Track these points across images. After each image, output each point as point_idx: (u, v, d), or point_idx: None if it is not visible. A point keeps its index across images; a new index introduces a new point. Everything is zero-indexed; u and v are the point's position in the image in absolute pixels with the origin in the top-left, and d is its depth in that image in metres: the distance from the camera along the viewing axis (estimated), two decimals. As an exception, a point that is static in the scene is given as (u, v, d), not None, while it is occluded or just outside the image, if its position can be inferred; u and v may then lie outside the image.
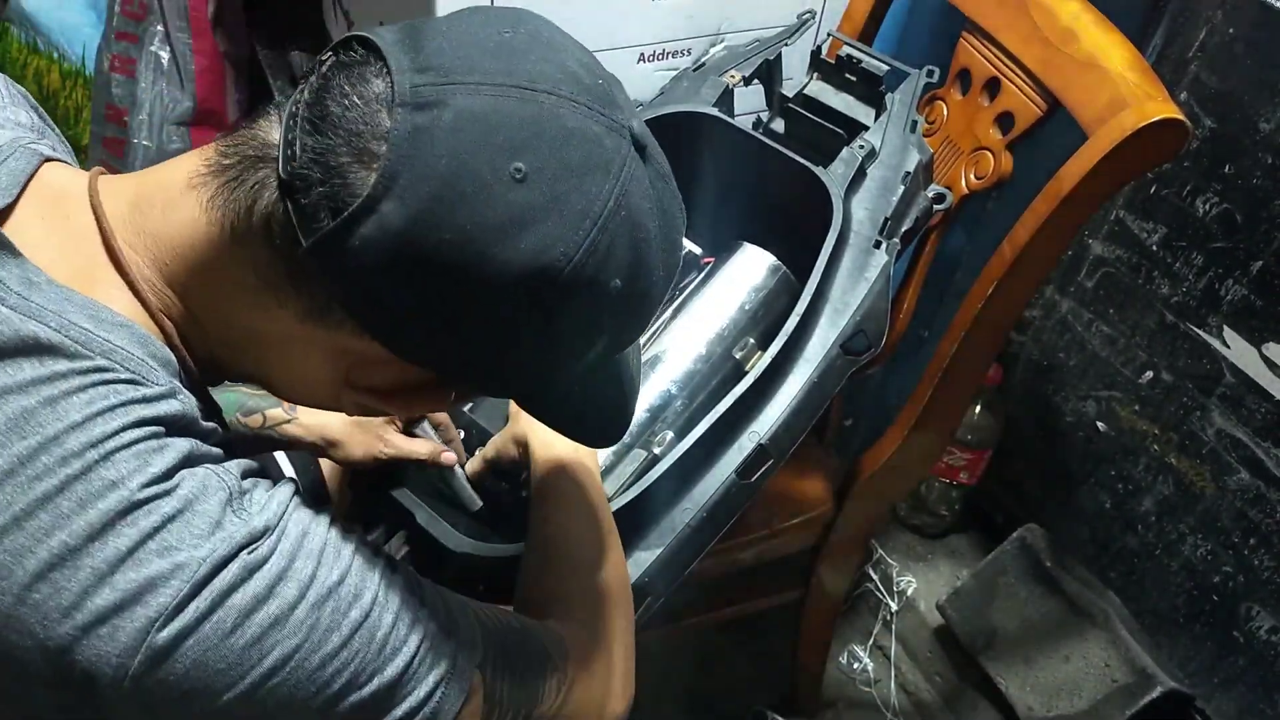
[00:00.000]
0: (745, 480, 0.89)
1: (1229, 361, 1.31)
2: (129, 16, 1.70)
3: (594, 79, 0.57)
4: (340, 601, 0.56)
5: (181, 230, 0.56)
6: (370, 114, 0.52)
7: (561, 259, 0.54)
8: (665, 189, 0.60)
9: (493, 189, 0.52)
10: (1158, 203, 1.36)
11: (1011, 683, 1.51)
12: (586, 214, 0.54)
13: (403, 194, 0.51)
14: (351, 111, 0.52)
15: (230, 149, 0.56)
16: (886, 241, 0.97)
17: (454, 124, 0.52)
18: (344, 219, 0.51)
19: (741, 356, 0.97)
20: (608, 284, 0.56)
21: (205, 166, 0.56)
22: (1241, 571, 1.36)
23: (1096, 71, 0.97)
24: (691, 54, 1.24)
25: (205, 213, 0.56)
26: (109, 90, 1.72)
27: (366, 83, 0.53)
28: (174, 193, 0.57)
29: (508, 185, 0.52)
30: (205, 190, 0.56)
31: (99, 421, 0.52)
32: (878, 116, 1.07)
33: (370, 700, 0.57)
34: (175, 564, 0.51)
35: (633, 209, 0.56)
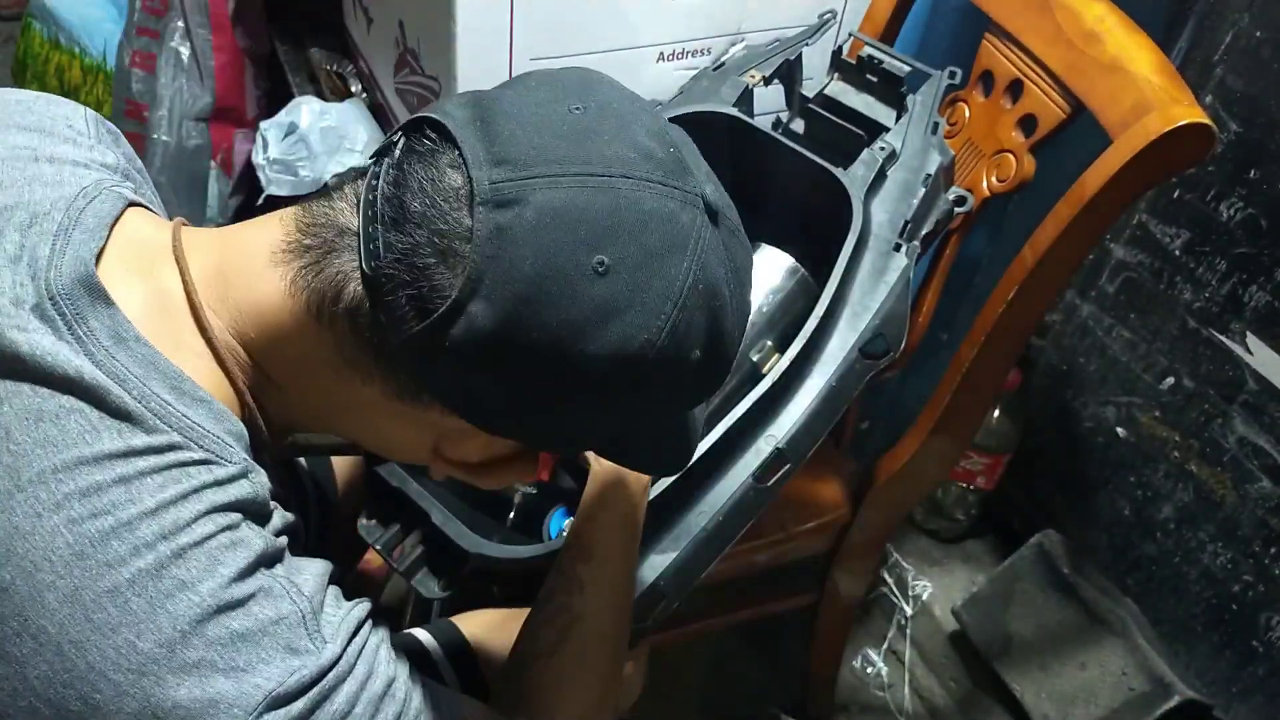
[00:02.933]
0: (762, 484, 0.88)
1: (1251, 368, 1.30)
2: (150, 13, 1.71)
3: (665, 149, 0.57)
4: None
5: (266, 305, 0.57)
6: (452, 212, 0.52)
7: (647, 346, 0.54)
8: (736, 245, 0.60)
9: (577, 285, 0.52)
10: (1181, 207, 1.35)
11: (1027, 690, 1.50)
12: (668, 297, 0.54)
13: (490, 295, 0.51)
14: (433, 210, 0.52)
15: (310, 228, 0.56)
16: (906, 244, 0.96)
17: (536, 222, 0.52)
18: (433, 321, 0.52)
19: (759, 359, 0.96)
20: (689, 356, 0.57)
21: (286, 243, 0.57)
22: (1262, 580, 1.34)
23: (1121, 74, 0.95)
24: (711, 53, 1.24)
25: (289, 293, 0.56)
26: (129, 86, 1.73)
27: (444, 176, 0.53)
28: (257, 264, 0.57)
29: (592, 280, 0.52)
30: (288, 269, 0.56)
31: (172, 510, 0.51)
32: (899, 118, 1.06)
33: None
34: (241, 691, 0.51)
35: (709, 280, 0.56)
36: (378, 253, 0.53)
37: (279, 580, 0.54)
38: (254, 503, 0.55)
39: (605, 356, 0.54)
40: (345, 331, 0.55)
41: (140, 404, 0.52)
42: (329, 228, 0.56)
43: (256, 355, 0.58)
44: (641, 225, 0.54)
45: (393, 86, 1.41)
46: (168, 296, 0.57)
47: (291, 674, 0.52)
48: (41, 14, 1.80)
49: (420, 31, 1.26)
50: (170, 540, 0.50)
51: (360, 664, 0.56)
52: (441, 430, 0.61)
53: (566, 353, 0.53)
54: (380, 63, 1.46)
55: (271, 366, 0.59)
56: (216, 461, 0.54)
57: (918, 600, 1.68)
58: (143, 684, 0.49)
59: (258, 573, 0.53)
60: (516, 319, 0.52)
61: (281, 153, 1.49)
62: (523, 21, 1.11)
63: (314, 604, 0.55)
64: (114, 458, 0.51)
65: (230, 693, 0.50)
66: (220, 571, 0.51)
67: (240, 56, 1.73)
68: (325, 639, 0.54)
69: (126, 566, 0.49)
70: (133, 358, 0.53)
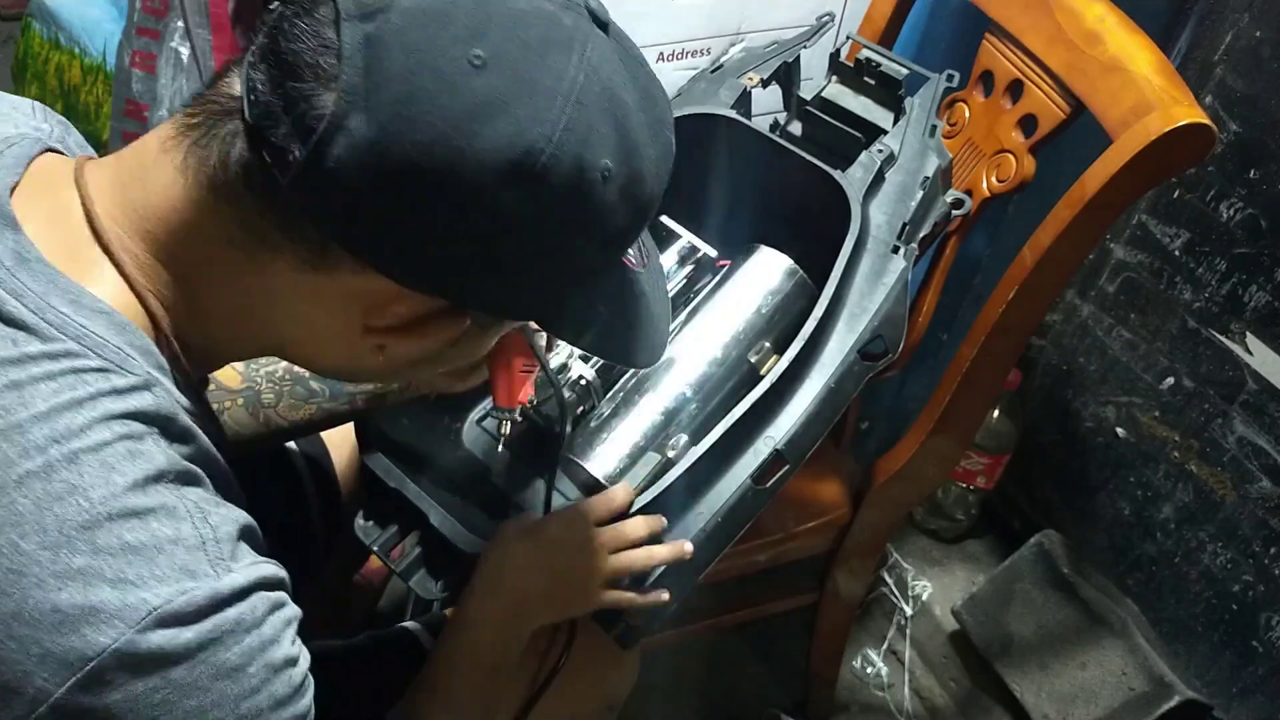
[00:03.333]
0: (760, 486, 0.88)
1: (1251, 368, 1.30)
2: (150, 13, 1.71)
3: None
4: None
5: (162, 196, 0.56)
6: (319, 34, 0.51)
7: (540, 139, 0.52)
8: (639, 69, 0.58)
9: (455, 80, 0.50)
10: (1180, 207, 1.35)
11: (1027, 689, 1.50)
12: (556, 91, 0.52)
13: (366, 104, 0.50)
14: (301, 38, 0.51)
15: (197, 108, 0.55)
16: (904, 247, 0.96)
17: (402, 24, 0.50)
18: (314, 144, 0.50)
19: (757, 360, 0.96)
20: (596, 165, 0.54)
21: (174, 130, 0.56)
22: (1262, 580, 1.34)
23: (1121, 74, 0.95)
24: (710, 53, 1.24)
25: (181, 174, 0.55)
26: (129, 86, 1.73)
27: (313, 9, 0.52)
28: (148, 160, 0.56)
29: (469, 74, 0.51)
30: (178, 152, 0.55)
31: (65, 415, 0.50)
32: (896, 120, 1.06)
33: None
34: (125, 603, 0.48)
35: (605, 83, 0.54)
36: (255, 98, 0.52)
37: (184, 502, 0.52)
38: (158, 416, 0.54)
39: (495, 154, 0.51)
40: (242, 198, 0.54)
41: (36, 315, 0.52)
42: (215, 101, 0.55)
43: (164, 257, 0.57)
44: (517, 19, 0.52)
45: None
46: (66, 213, 0.56)
47: (182, 594, 0.50)
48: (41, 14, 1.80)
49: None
50: (62, 444, 0.49)
51: (266, 625, 0.53)
52: (363, 298, 0.57)
53: (454, 154, 0.51)
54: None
55: (181, 267, 0.57)
56: (115, 370, 0.53)
57: (918, 600, 1.68)
58: (22, 584, 0.47)
59: (159, 486, 0.52)
60: (396, 124, 0.50)
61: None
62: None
63: (219, 535, 0.53)
64: (6, 364, 0.50)
65: (113, 603, 0.48)
66: (114, 479, 0.50)
67: (240, 57, 1.73)
68: (229, 568, 0.52)
69: (14, 468, 0.48)
70: (32, 275, 0.53)
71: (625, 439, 0.94)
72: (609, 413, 0.96)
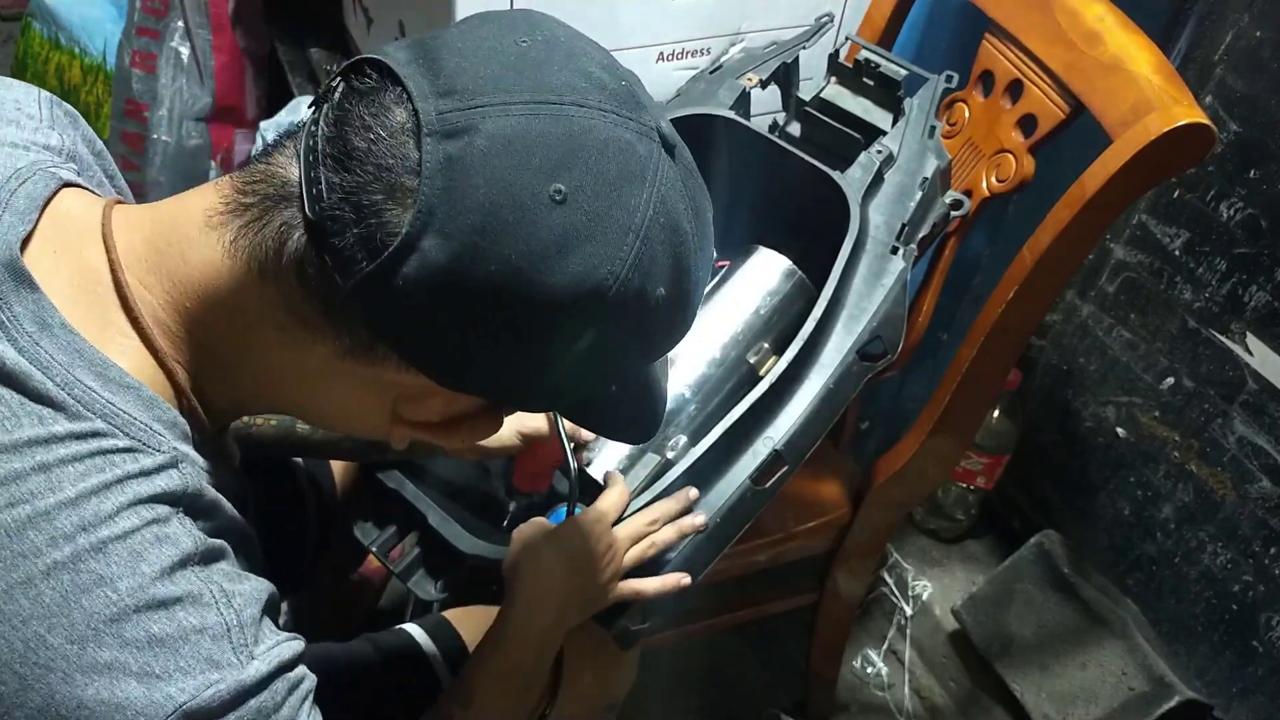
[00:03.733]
0: (760, 486, 0.88)
1: (1251, 368, 1.30)
2: (150, 13, 1.71)
3: (617, 82, 0.55)
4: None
5: (203, 272, 0.54)
6: (397, 146, 0.50)
7: (609, 278, 0.52)
8: (695, 185, 0.58)
9: (535, 214, 0.50)
10: (1180, 207, 1.35)
11: (1027, 689, 1.50)
12: (629, 228, 0.52)
13: (443, 229, 0.49)
14: (377, 145, 0.50)
15: (248, 187, 0.54)
16: (903, 247, 0.96)
17: (488, 150, 0.49)
18: (383, 260, 0.49)
19: (756, 361, 0.96)
20: (653, 294, 0.54)
21: (223, 205, 0.54)
22: (1262, 580, 1.34)
23: (1121, 74, 0.95)
24: (710, 54, 1.24)
25: (228, 255, 0.53)
26: (129, 86, 1.73)
27: (387, 111, 0.50)
28: (191, 232, 0.55)
29: (549, 208, 0.50)
30: (226, 231, 0.54)
31: (93, 501, 0.49)
32: (895, 121, 1.06)
33: None
34: (151, 699, 0.48)
35: (670, 214, 0.54)
36: (321, 195, 0.50)
37: (210, 586, 0.52)
38: (184, 495, 0.53)
39: (566, 289, 0.51)
40: (292, 286, 0.52)
41: (63, 390, 0.50)
42: (269, 183, 0.53)
43: (196, 328, 0.55)
44: (599, 153, 0.52)
45: (392, 87, 1.41)
46: (94, 276, 0.54)
47: (208, 687, 0.49)
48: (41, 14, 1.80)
49: (420, 31, 1.26)
50: (90, 532, 0.48)
51: (285, 708, 0.53)
52: (399, 390, 0.57)
53: (525, 287, 0.50)
54: (380, 63, 1.46)
55: (213, 339, 0.56)
56: (143, 450, 0.52)
57: (918, 600, 1.68)
58: (49, 680, 0.47)
59: (185, 572, 0.51)
60: (472, 252, 0.49)
61: (281, 153, 1.49)
62: (521, 22, 1.11)
63: (243, 618, 0.52)
64: (34, 444, 0.49)
65: (140, 699, 0.48)
66: (142, 569, 0.49)
67: (240, 56, 1.73)
68: (252, 655, 0.52)
69: (42, 558, 0.47)
70: (57, 344, 0.51)
71: (625, 440, 0.94)
72: (608, 413, 0.96)
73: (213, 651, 0.50)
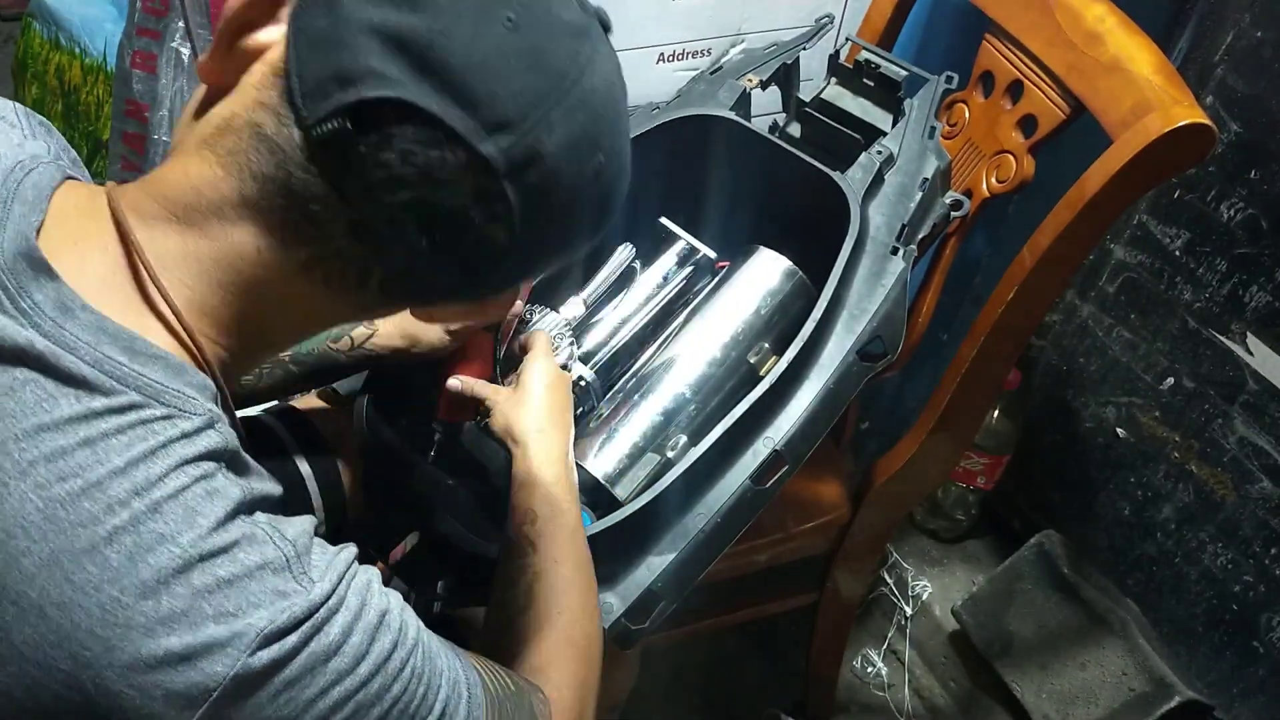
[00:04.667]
0: (760, 486, 0.88)
1: (1251, 368, 1.30)
2: (150, 13, 1.71)
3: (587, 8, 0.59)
4: (387, 676, 0.56)
5: (237, 247, 0.56)
6: (466, 179, 0.53)
7: None
8: (620, 75, 0.61)
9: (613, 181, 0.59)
10: (1181, 207, 1.35)
11: (1027, 689, 1.50)
12: None
13: None
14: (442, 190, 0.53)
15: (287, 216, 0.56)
16: (903, 248, 0.96)
17: (554, 165, 0.55)
18: None
19: (756, 361, 0.96)
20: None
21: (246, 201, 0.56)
22: (1262, 581, 1.34)
23: (1121, 75, 0.95)
24: (711, 54, 1.24)
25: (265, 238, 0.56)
26: (130, 86, 1.73)
27: (442, 160, 0.53)
28: (208, 211, 0.56)
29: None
30: (256, 224, 0.56)
31: (141, 467, 0.51)
32: (895, 122, 1.06)
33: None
34: (233, 632, 0.51)
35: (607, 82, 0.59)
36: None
37: (261, 526, 0.54)
38: (225, 451, 0.55)
39: None
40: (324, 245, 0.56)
41: (95, 368, 0.51)
42: None
43: (223, 303, 0.57)
44: (611, 101, 0.58)
45: (392, 87, 1.41)
46: (110, 256, 0.56)
47: (282, 612, 0.52)
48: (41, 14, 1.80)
49: (419, 32, 1.26)
50: (143, 496, 0.50)
51: (351, 596, 0.56)
52: None
53: None
54: (380, 63, 1.46)
55: (242, 304, 0.58)
56: (180, 415, 0.53)
57: (918, 600, 1.68)
58: (131, 636, 0.49)
59: (238, 519, 0.53)
60: None
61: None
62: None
63: (298, 547, 0.55)
64: (75, 421, 0.50)
65: (222, 636, 0.50)
66: (199, 522, 0.51)
67: (241, 57, 1.73)
68: (313, 579, 0.54)
69: (101, 525, 0.49)
70: (81, 325, 0.52)
71: (625, 439, 0.94)
72: (608, 413, 0.96)
73: (278, 583, 0.53)
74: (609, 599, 0.86)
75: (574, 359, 0.96)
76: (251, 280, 0.57)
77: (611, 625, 0.86)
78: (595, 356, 1.00)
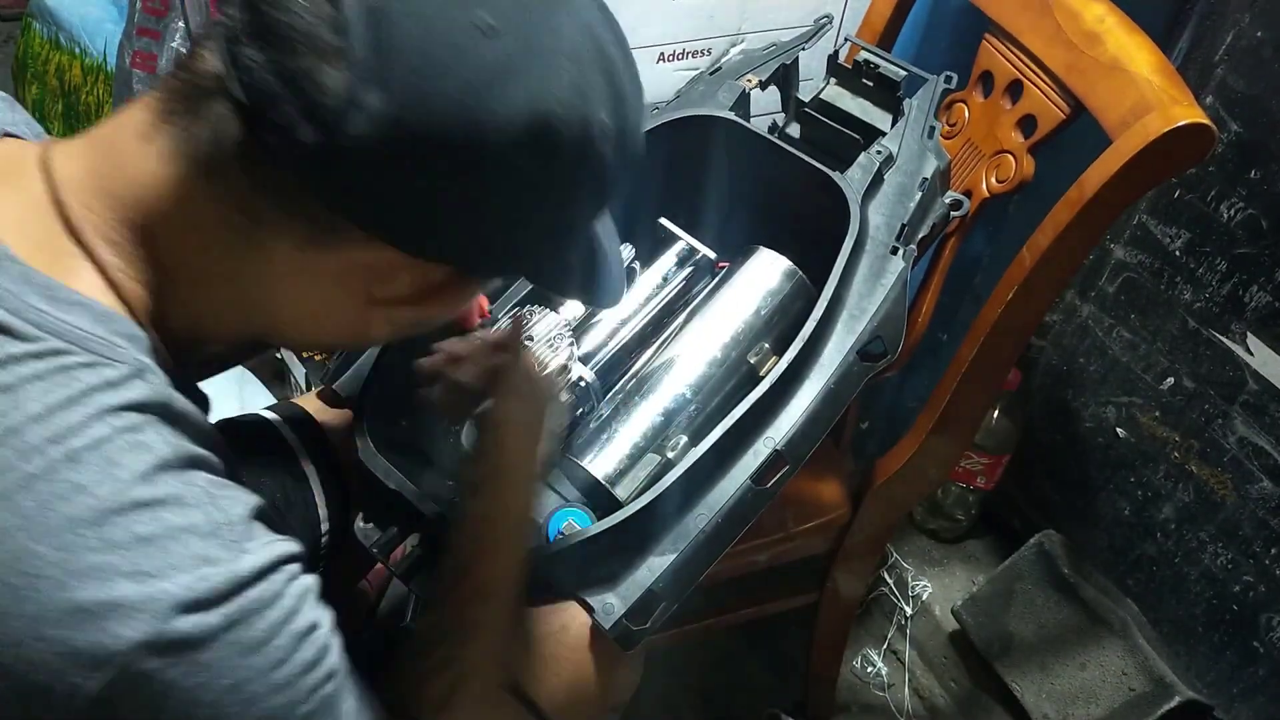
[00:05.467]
0: (760, 486, 0.88)
1: (1251, 368, 1.30)
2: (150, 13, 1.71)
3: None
4: (298, 692, 0.54)
5: (145, 185, 0.54)
6: (314, 8, 0.49)
7: (555, 105, 0.52)
8: (613, 20, 0.59)
9: (466, 47, 0.50)
10: (1181, 207, 1.35)
11: (1027, 690, 1.50)
12: (559, 51, 0.53)
13: (380, 79, 0.49)
14: (295, 13, 0.49)
15: (175, 91, 0.53)
16: (903, 248, 0.96)
17: None
18: (329, 123, 0.49)
19: (756, 361, 0.96)
20: (596, 121, 0.55)
21: (152, 115, 0.54)
22: (1262, 581, 1.34)
23: (1121, 75, 0.95)
24: (711, 54, 1.24)
25: (169, 162, 0.53)
26: (130, 86, 1.73)
27: None
28: (127, 148, 0.54)
29: (478, 39, 0.50)
30: (161, 138, 0.53)
31: (59, 414, 0.49)
32: (895, 122, 1.06)
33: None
34: (146, 594, 0.48)
35: (597, 39, 0.56)
36: (250, 74, 0.49)
37: (191, 489, 0.52)
38: (154, 403, 0.53)
39: (516, 118, 0.51)
40: (238, 181, 0.52)
41: (14, 316, 0.50)
42: (194, 81, 0.53)
43: (151, 245, 0.55)
44: None
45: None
46: (37, 207, 0.54)
47: (202, 580, 0.50)
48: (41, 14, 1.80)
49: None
50: (60, 443, 0.48)
51: (286, 596, 0.53)
52: (368, 269, 0.57)
53: (473, 122, 0.51)
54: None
55: (170, 254, 0.56)
56: (104, 363, 0.51)
57: (918, 600, 1.68)
58: (40, 586, 0.47)
59: (164, 475, 0.51)
60: (415, 95, 0.49)
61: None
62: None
63: (231, 517, 0.53)
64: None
65: (134, 596, 0.48)
66: (118, 474, 0.49)
67: (240, 57, 1.73)
68: (244, 549, 0.52)
69: (15, 472, 0.48)
70: (5, 274, 0.51)
71: (625, 440, 0.94)
72: (608, 414, 0.96)
73: (203, 548, 0.51)
74: (610, 599, 0.86)
75: (574, 359, 0.96)
76: (173, 213, 0.54)
77: (612, 626, 0.86)
78: (595, 357, 1.00)
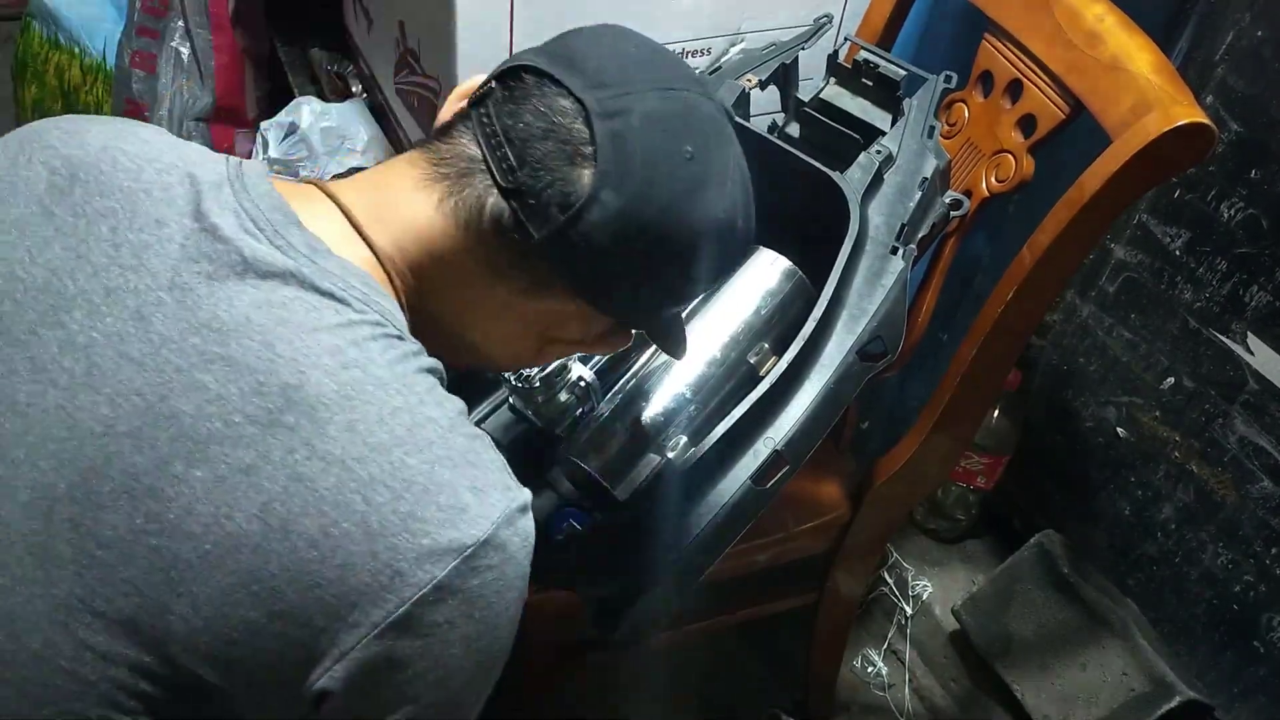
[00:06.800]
0: (761, 486, 0.88)
1: (1252, 368, 1.30)
2: (150, 13, 1.71)
3: (686, 68, 0.75)
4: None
5: (419, 221, 0.68)
6: (570, 126, 0.66)
7: (724, 210, 0.71)
8: (739, 147, 0.75)
9: (676, 168, 0.68)
10: (1181, 207, 1.35)
11: (1027, 690, 1.50)
12: (728, 175, 0.72)
13: (615, 185, 0.66)
14: (554, 127, 0.66)
15: (443, 161, 0.69)
16: (903, 248, 0.96)
17: (640, 126, 0.67)
18: (574, 211, 0.65)
19: (756, 361, 0.96)
20: (739, 224, 0.74)
21: (425, 174, 0.69)
22: (1263, 581, 1.34)
23: (1121, 74, 0.95)
24: (710, 54, 1.24)
25: (439, 211, 0.68)
26: (130, 86, 1.74)
27: (554, 101, 0.67)
28: (404, 193, 0.69)
29: (685, 164, 0.68)
30: (433, 192, 0.68)
31: (400, 367, 0.63)
32: (895, 122, 1.06)
33: None
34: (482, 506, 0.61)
35: (740, 163, 0.74)
36: (512, 168, 0.66)
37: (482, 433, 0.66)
38: (439, 371, 0.67)
39: (707, 219, 0.70)
40: (488, 237, 0.68)
41: (346, 291, 0.63)
42: (458, 158, 0.68)
43: (413, 266, 0.69)
44: (705, 121, 0.71)
45: (393, 87, 1.41)
46: (329, 220, 0.68)
47: (513, 501, 0.63)
48: (41, 14, 1.80)
49: (420, 32, 1.26)
50: (409, 389, 0.62)
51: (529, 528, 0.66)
52: (554, 314, 0.73)
53: (679, 219, 0.69)
54: (380, 63, 1.46)
55: (423, 277, 0.70)
56: (407, 340, 0.66)
57: (918, 600, 1.68)
58: (413, 490, 0.60)
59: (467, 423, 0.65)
60: (638, 198, 0.66)
61: (282, 153, 1.50)
62: (523, 23, 1.11)
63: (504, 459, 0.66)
64: (341, 327, 0.62)
65: (473, 505, 0.61)
66: (450, 411, 0.64)
67: (240, 57, 1.73)
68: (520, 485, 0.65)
69: (385, 405, 0.61)
70: (330, 261, 0.64)
71: (625, 440, 0.94)
72: (608, 414, 0.96)
73: (504, 479, 0.65)
74: (609, 600, 0.86)
75: (574, 358, 0.96)
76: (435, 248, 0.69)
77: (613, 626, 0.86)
78: (595, 357, 1.00)
